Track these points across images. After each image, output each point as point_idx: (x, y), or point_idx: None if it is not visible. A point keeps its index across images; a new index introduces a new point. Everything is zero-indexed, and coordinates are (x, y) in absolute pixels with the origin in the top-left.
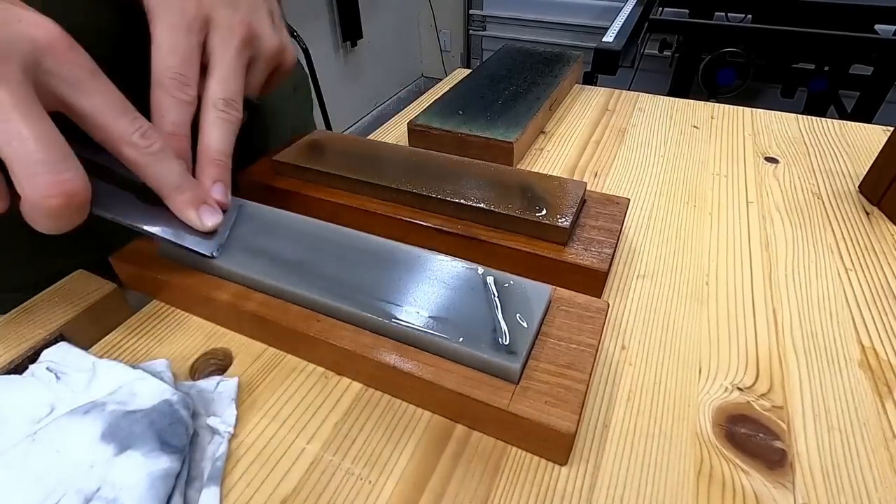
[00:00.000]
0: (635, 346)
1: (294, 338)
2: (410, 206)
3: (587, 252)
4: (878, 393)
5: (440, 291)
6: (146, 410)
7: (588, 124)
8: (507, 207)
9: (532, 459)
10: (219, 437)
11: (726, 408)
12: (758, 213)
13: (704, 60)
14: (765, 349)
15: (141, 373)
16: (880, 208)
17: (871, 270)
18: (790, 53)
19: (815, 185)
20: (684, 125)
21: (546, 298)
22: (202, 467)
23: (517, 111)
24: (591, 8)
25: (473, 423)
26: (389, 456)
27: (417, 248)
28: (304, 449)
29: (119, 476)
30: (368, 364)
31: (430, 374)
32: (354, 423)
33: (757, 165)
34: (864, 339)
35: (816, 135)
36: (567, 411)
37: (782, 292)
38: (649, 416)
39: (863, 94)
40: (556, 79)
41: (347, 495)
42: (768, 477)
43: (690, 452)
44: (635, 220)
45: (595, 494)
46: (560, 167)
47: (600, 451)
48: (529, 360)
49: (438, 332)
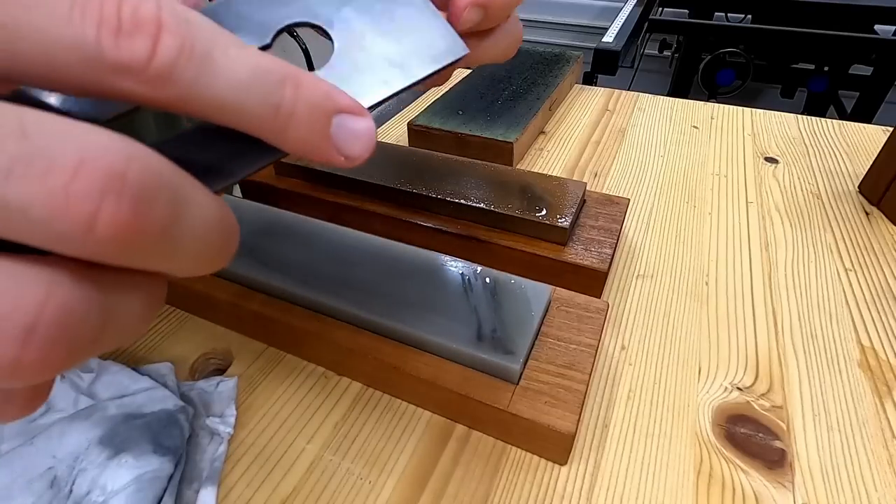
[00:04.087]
0: (635, 346)
1: (294, 338)
2: (410, 206)
3: (587, 252)
4: (877, 393)
5: (440, 291)
6: (146, 416)
7: (588, 124)
8: (507, 207)
9: (532, 459)
10: (218, 437)
11: (726, 407)
12: (757, 214)
13: (704, 60)
14: (764, 349)
15: (148, 381)
16: (880, 208)
17: (870, 270)
18: (790, 54)
19: (814, 186)
20: (684, 125)
21: (546, 298)
22: (201, 468)
23: (517, 111)
24: (591, 8)
25: (473, 423)
26: (389, 456)
27: (417, 249)
28: (304, 449)
29: (110, 480)
30: (368, 364)
31: (429, 374)
32: (354, 423)
33: (757, 165)
34: (864, 339)
35: (816, 135)
36: (567, 411)
37: (782, 292)
38: (649, 415)
39: (862, 95)
40: (556, 79)
41: (347, 495)
42: (768, 477)
43: (690, 452)
44: (635, 220)
45: (595, 494)
46: (560, 167)
47: (600, 450)
48: (529, 361)
49: (438, 332)
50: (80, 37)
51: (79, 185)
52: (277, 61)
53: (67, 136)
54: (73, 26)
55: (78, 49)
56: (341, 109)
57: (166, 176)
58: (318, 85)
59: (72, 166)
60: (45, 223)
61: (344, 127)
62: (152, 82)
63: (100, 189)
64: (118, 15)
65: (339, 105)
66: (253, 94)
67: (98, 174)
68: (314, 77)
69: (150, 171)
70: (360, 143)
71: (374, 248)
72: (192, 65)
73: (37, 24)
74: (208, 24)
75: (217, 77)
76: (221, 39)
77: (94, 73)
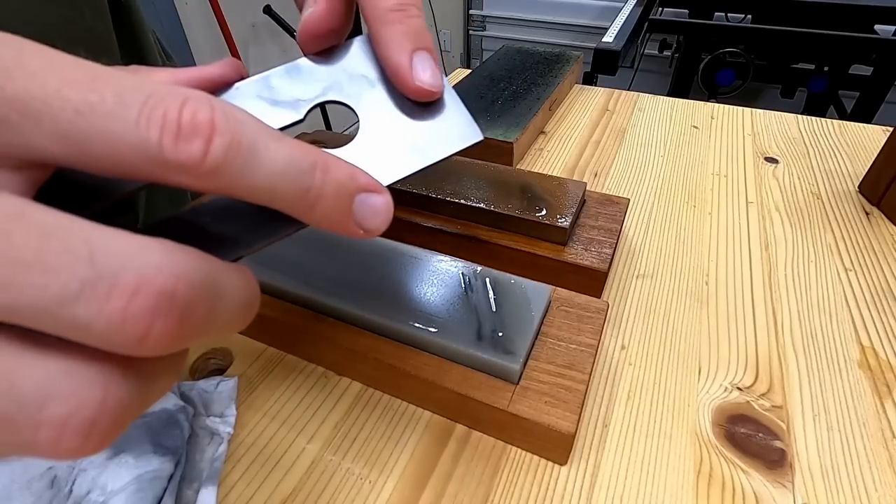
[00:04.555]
0: (635, 346)
1: (294, 338)
2: (410, 206)
3: (587, 252)
4: (877, 393)
5: (440, 291)
6: (146, 415)
7: (588, 124)
8: (507, 207)
9: (532, 459)
10: (218, 437)
11: (726, 407)
12: (758, 214)
13: (704, 60)
14: (764, 349)
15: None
16: (880, 208)
17: (870, 270)
18: (790, 54)
19: (814, 186)
20: (684, 125)
21: (546, 298)
22: (201, 468)
23: (517, 111)
24: (591, 8)
25: (473, 423)
26: (389, 456)
27: (417, 248)
28: (304, 449)
29: (110, 480)
30: (368, 364)
31: (429, 374)
32: (354, 423)
33: (757, 165)
34: (864, 339)
35: (816, 135)
36: (567, 411)
37: (782, 292)
38: (649, 415)
39: (862, 95)
40: (556, 79)
41: (347, 495)
42: (768, 477)
43: (690, 452)
44: (635, 220)
45: (595, 494)
46: (560, 167)
47: (600, 450)
48: (529, 361)
49: (438, 332)
50: (145, 141)
51: (135, 307)
52: (309, 149)
53: (126, 257)
54: (139, 131)
55: (142, 151)
56: (363, 189)
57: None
58: (343, 168)
59: (130, 290)
60: (104, 336)
61: (365, 204)
62: (203, 177)
63: (153, 310)
64: (178, 121)
65: (361, 185)
66: (287, 180)
67: (151, 298)
68: (340, 161)
69: (194, 285)
70: (378, 219)
71: (374, 248)
72: (238, 160)
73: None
74: (252, 121)
75: (258, 168)
76: (263, 134)
77: (152, 169)
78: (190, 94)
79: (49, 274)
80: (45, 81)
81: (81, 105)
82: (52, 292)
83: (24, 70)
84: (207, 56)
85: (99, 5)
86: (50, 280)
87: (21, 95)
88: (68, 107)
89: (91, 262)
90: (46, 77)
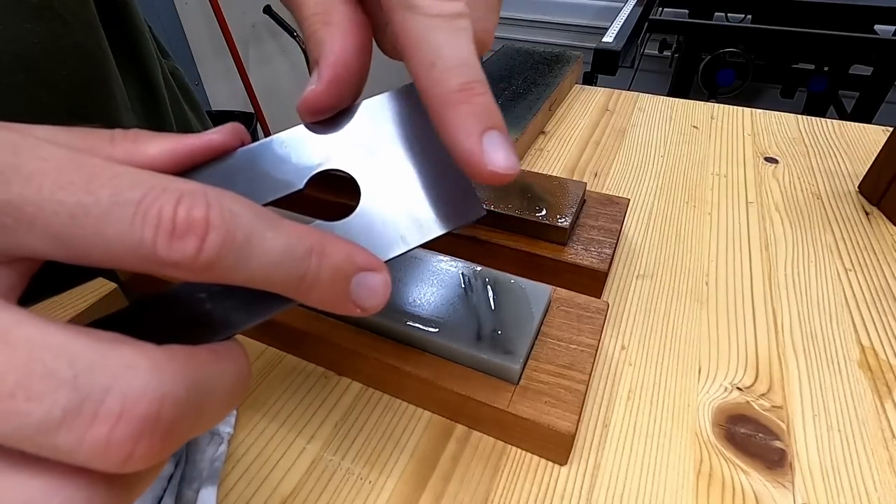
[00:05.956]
0: (635, 346)
1: (294, 337)
2: None
3: (587, 252)
4: (877, 393)
5: (440, 291)
6: None
7: (588, 124)
8: (507, 207)
9: (532, 459)
10: (218, 437)
11: (726, 408)
12: (757, 214)
13: (704, 60)
14: (764, 349)
15: None
16: (880, 208)
17: (870, 271)
18: (790, 54)
19: (814, 186)
20: (684, 125)
21: (546, 299)
22: (201, 468)
23: (517, 111)
24: (591, 8)
25: (473, 423)
26: (389, 456)
27: (417, 248)
28: (304, 449)
29: None
30: (368, 364)
31: (429, 374)
32: (354, 423)
33: (757, 165)
34: (864, 339)
35: (816, 135)
36: (567, 411)
37: (782, 292)
38: (649, 415)
39: (862, 95)
40: (556, 79)
41: (347, 495)
42: (768, 477)
43: (690, 452)
44: (635, 220)
45: (595, 494)
46: (560, 167)
47: (600, 450)
48: (529, 361)
49: (438, 332)
50: (139, 241)
51: (119, 433)
52: (305, 232)
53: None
54: (133, 232)
55: (136, 250)
56: (360, 269)
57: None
58: (340, 249)
59: (114, 416)
60: (87, 460)
61: (362, 285)
62: (197, 272)
63: (137, 434)
64: (173, 219)
65: (359, 265)
66: (282, 269)
67: (135, 423)
68: (337, 241)
69: (179, 402)
70: (375, 298)
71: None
72: (231, 255)
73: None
74: (248, 212)
75: (252, 260)
76: (259, 225)
77: (145, 265)
78: (186, 188)
79: (31, 401)
80: (41, 185)
81: (76, 208)
82: (35, 419)
83: (18, 173)
84: (207, 56)
85: (89, 18)
86: (32, 408)
87: (15, 200)
88: (62, 210)
89: (74, 385)
90: (42, 180)
